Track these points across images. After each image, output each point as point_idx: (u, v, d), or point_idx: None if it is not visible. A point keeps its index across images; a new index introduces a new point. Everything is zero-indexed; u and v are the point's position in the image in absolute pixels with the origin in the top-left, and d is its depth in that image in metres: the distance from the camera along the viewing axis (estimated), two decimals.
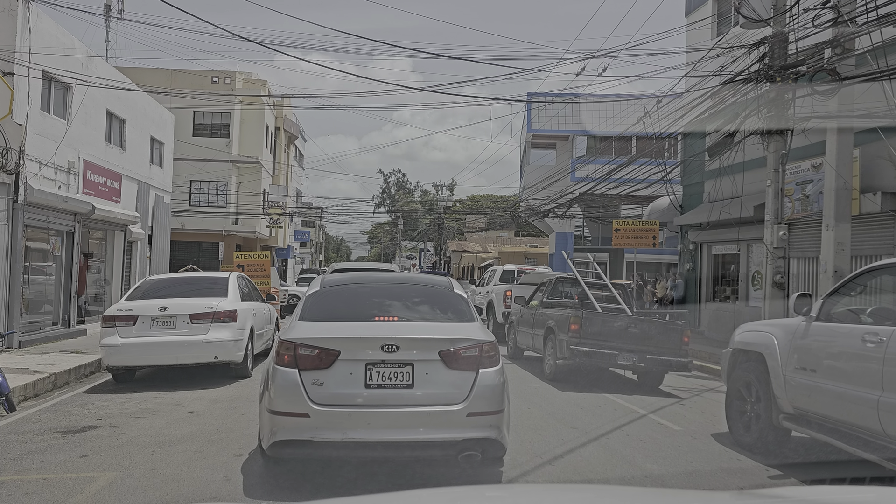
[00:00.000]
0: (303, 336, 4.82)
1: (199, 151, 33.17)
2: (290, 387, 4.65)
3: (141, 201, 19.48)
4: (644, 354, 9.66)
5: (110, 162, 17.23)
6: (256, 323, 10.35)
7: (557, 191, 32.54)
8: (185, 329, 8.91)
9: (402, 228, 74.92)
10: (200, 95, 34.37)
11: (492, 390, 4.82)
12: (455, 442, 4.70)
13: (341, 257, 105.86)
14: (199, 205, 34.92)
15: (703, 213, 18.08)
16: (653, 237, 19.27)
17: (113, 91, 16.99)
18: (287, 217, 43.31)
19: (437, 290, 5.76)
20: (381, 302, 5.50)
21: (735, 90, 14.04)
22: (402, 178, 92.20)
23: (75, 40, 15.00)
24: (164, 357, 8.89)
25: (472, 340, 4.91)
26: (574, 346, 9.57)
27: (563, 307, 11.34)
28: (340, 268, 13.32)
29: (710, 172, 18.30)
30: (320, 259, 72.80)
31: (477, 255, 56.64)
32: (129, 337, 8.80)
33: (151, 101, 20.40)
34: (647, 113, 18.45)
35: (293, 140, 46.09)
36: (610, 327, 9.88)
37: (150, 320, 8.89)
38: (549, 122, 36.56)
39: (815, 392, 5.62)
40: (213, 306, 9.06)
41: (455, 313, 5.42)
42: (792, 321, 6.15)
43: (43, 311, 14.41)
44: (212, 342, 8.92)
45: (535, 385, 9.88)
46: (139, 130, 19.23)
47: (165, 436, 6.35)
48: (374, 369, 4.70)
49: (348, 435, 4.59)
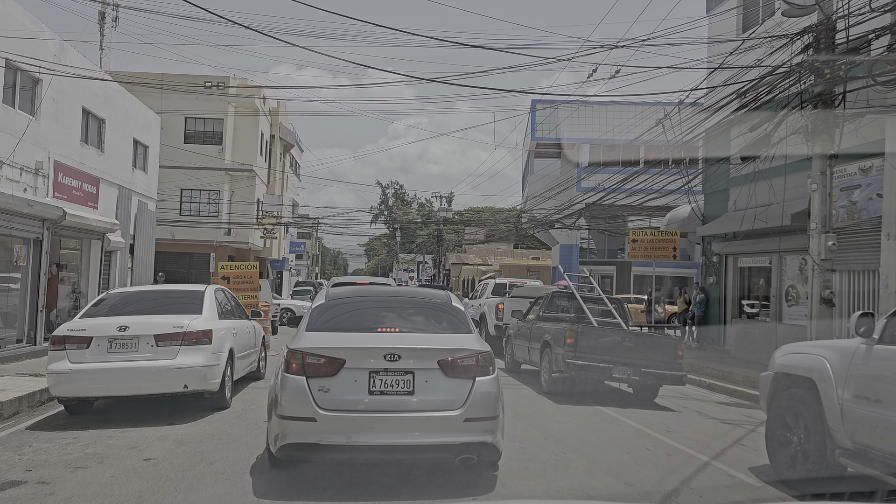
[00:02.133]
0: (310, 345, 5.10)
1: (190, 158, 31.83)
2: (298, 393, 4.91)
3: (122, 208, 18.07)
4: (639, 368, 9.74)
5: (86, 164, 15.83)
6: (238, 344, 8.91)
7: (563, 201, 31.24)
8: (148, 353, 7.46)
9: (399, 241, 73.48)
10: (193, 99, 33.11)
11: (487, 397, 5.10)
12: (453, 446, 4.99)
13: (338, 270, 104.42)
14: (190, 214, 33.55)
15: (730, 222, 16.72)
16: (673, 249, 17.90)
17: (90, 87, 15.63)
18: (282, 228, 41.85)
19: (435, 304, 6.07)
20: (384, 314, 5.79)
21: (772, 86, 12.77)
22: (400, 190, 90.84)
23: (45, 28, 13.64)
24: (122, 387, 7.43)
25: (470, 350, 5.20)
26: (570, 360, 9.72)
27: (559, 321, 11.44)
28: (340, 282, 13.81)
29: (736, 179, 16.96)
30: (317, 271, 71.18)
31: (477, 268, 55.26)
32: (82, 362, 7.35)
33: (135, 101, 19.03)
34: (667, 115, 17.15)
35: (289, 149, 44.71)
36: (605, 341, 10.02)
37: (106, 342, 7.44)
38: (553, 130, 35.22)
39: (882, 426, 4.97)
40: (183, 325, 7.62)
41: (453, 325, 5.72)
42: (848, 343, 5.50)
43: (5, 328, 12.95)
44: (181, 368, 7.47)
45: (531, 398, 10.03)
46: (120, 131, 17.85)
47: (104, 498, 4.90)
48: (377, 377, 4.97)
49: (353, 438, 4.84)
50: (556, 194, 31.74)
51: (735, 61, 13.55)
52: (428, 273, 67.92)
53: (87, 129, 15.95)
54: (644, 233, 18.10)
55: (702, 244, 18.70)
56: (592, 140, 35.10)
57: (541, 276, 38.45)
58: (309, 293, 35.62)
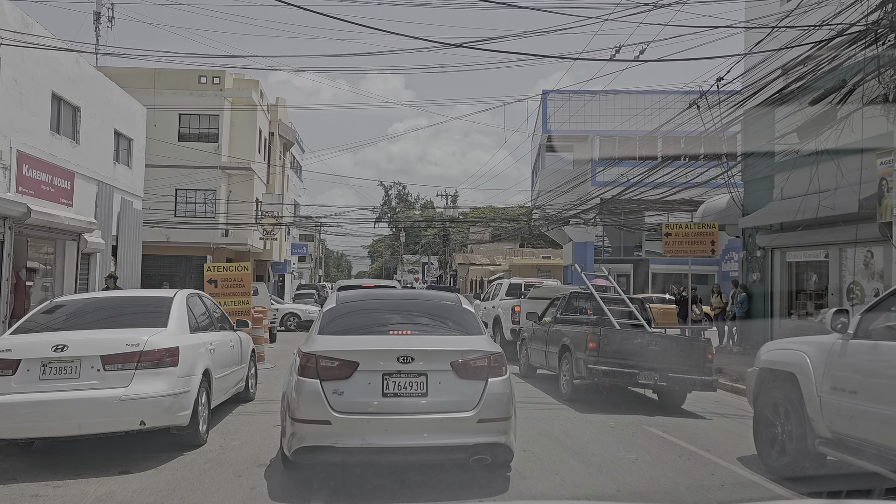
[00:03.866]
0: (324, 349, 5.14)
1: (185, 156, 30.20)
2: (313, 396, 4.93)
3: (102, 206, 16.39)
4: (666, 373, 9.15)
5: (58, 156, 14.15)
6: (216, 362, 7.20)
7: (578, 196, 29.48)
8: (93, 379, 5.73)
9: (403, 242, 71.76)
10: (187, 95, 31.49)
11: (500, 398, 5.14)
12: (467, 446, 5.02)
13: (342, 272, 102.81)
14: (185, 215, 31.89)
15: (777, 212, 14.97)
16: (711, 243, 16.14)
17: (61, 70, 13.96)
18: (283, 229, 40.13)
19: (446, 306, 6.10)
20: (395, 317, 5.79)
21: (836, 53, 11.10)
22: (403, 191, 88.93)
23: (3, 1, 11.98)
24: (56, 425, 5.68)
25: (482, 352, 5.24)
26: (592, 365, 9.12)
27: (578, 323, 10.91)
28: (346, 285, 13.84)
29: (783, 164, 15.20)
30: (320, 274, 69.48)
31: (486, 269, 53.48)
32: (7, 393, 5.64)
33: (116, 89, 17.34)
34: (704, 95, 15.43)
35: (289, 147, 43.02)
36: (629, 344, 9.42)
37: (38, 366, 5.72)
38: (567, 122, 33.42)
39: (857, 415, 5.24)
40: (139, 343, 5.88)
41: (463, 327, 5.71)
42: (826, 339, 5.72)
43: None
44: (136, 399, 5.73)
45: (551, 406, 9.28)
46: (99, 121, 16.16)
47: None
48: (390, 379, 5.00)
49: (367, 441, 4.90)
50: (570, 189, 30.02)
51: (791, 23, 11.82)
52: (433, 274, 66.21)
53: (58, 117, 14.27)
54: (679, 226, 16.33)
55: (742, 238, 16.93)
56: (610, 132, 33.25)
57: (552, 276, 36.61)
58: (311, 296, 33.91)
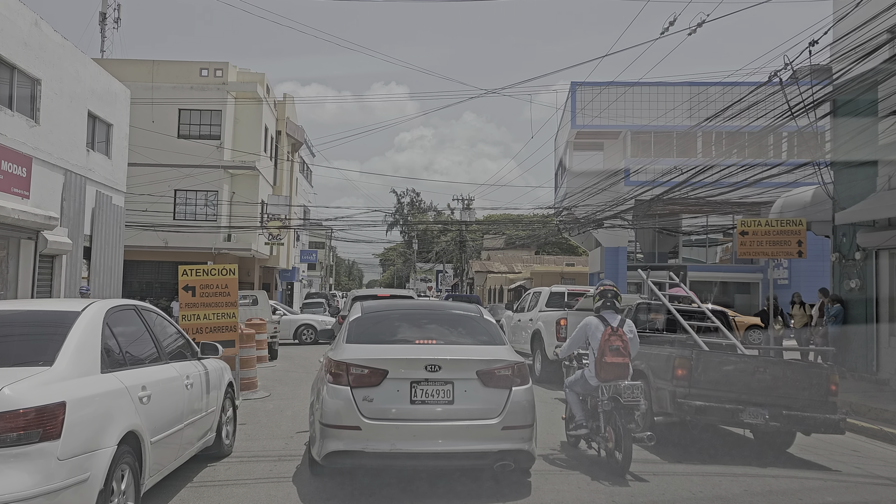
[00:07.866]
0: (354, 357, 5.32)
1: (185, 156, 27.84)
2: (344, 402, 5.13)
3: (70, 199, 13.83)
4: (779, 409, 7.22)
5: (9, 136, 11.62)
6: (153, 418, 4.52)
7: (614, 196, 26.76)
8: None
9: (416, 249, 69.10)
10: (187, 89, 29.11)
11: (523, 406, 5.32)
12: (491, 452, 5.19)
13: (353, 281, 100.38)
14: (185, 218, 29.47)
15: (884, 205, 12.22)
16: (798, 243, 13.33)
17: (14, 33, 11.44)
18: (291, 233, 37.57)
19: (468, 317, 6.29)
20: (420, 327, 6.00)
21: None
22: (416, 198, 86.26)
23: None
24: None
25: (506, 361, 5.43)
26: (682, 399, 7.28)
27: (653, 343, 8.83)
28: (360, 295, 13.58)
29: (888, 147, 12.46)
30: (330, 283, 66.91)
31: (505, 276, 50.73)
32: None
33: (91, 64, 14.82)
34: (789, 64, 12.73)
35: (298, 148, 40.54)
36: (730, 372, 7.50)
37: None
38: (598, 117, 30.66)
39: None
40: None
41: (487, 337, 5.91)
42: None
43: None
44: None
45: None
46: (67, 99, 13.64)
47: None
48: (418, 387, 5.19)
49: (396, 446, 5.05)
50: (603, 190, 27.30)
51: None
52: (448, 283, 63.50)
53: (10, 89, 11.75)
54: (757, 223, 13.53)
55: (832, 238, 14.15)
56: (649, 127, 30.36)
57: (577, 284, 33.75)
58: (321, 305, 31.36)
